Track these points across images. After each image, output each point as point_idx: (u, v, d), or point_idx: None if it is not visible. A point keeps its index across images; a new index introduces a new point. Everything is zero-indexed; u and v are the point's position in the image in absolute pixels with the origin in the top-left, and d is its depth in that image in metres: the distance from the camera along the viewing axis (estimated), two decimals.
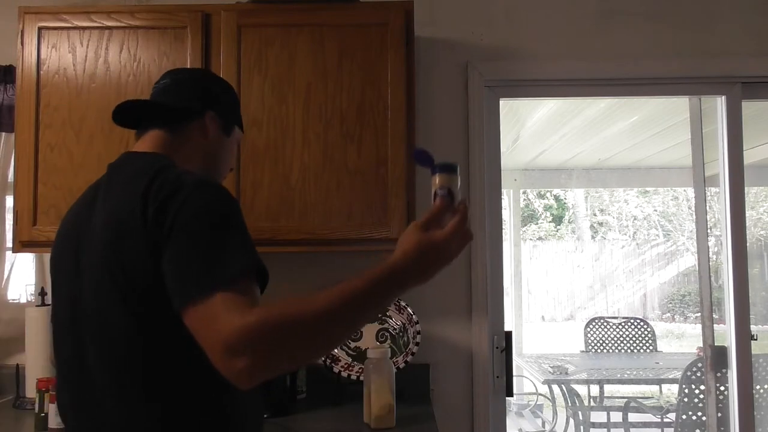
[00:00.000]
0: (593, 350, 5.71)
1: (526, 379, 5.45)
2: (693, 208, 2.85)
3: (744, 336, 2.38)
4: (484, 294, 2.34)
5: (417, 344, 2.12)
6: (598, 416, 4.63)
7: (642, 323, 5.94)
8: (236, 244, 1.06)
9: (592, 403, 4.97)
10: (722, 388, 2.49)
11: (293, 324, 0.96)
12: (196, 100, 1.34)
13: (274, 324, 0.95)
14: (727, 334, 2.42)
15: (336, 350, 2.19)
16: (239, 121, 1.45)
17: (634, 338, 5.73)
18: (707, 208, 2.56)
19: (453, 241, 1.06)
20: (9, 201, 2.32)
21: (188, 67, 2.01)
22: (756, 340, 2.41)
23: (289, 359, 1.00)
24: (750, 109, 2.51)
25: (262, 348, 0.94)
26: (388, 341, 2.19)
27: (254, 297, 1.01)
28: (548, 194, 12.09)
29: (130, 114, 1.34)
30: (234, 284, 0.99)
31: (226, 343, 0.94)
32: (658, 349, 5.80)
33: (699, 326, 2.69)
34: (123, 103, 1.33)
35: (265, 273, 1.09)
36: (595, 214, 12.41)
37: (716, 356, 2.45)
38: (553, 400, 5.11)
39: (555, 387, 4.82)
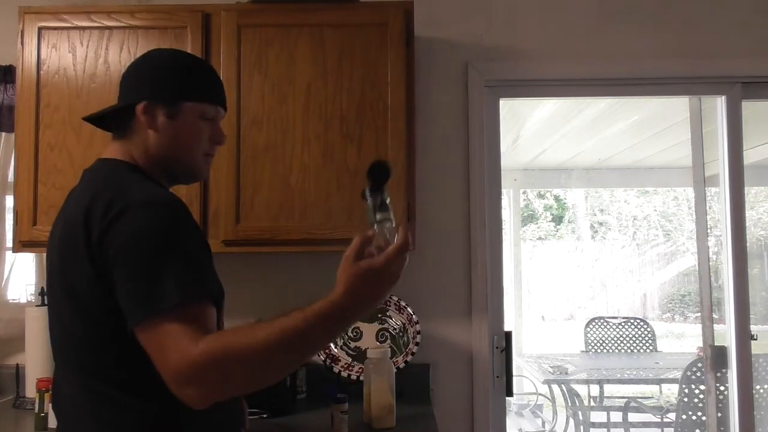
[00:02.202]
0: (593, 350, 5.70)
1: (526, 379, 5.44)
2: (693, 208, 2.84)
3: (744, 336, 2.38)
4: (484, 294, 2.34)
5: (417, 344, 2.12)
6: (598, 416, 4.63)
7: (642, 323, 5.93)
8: (178, 270, 1.05)
9: (592, 403, 4.96)
10: (722, 388, 2.49)
11: (236, 358, 0.99)
12: (127, 96, 1.26)
13: (218, 358, 0.98)
14: (727, 334, 2.42)
15: (336, 350, 2.19)
16: (192, 93, 1.26)
17: (634, 338, 5.73)
18: (707, 208, 2.56)
19: (393, 263, 1.01)
20: (9, 201, 2.32)
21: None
22: (756, 340, 2.41)
23: (236, 387, 1.05)
24: (750, 109, 2.51)
25: (208, 379, 0.99)
26: (388, 341, 2.19)
27: (200, 323, 1.03)
28: (548, 194, 12.09)
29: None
30: (177, 312, 1.02)
31: (174, 374, 0.99)
32: (658, 349, 5.79)
33: (699, 326, 2.68)
34: (85, 118, 1.33)
35: (218, 293, 1.12)
36: (595, 214, 12.41)
37: (716, 356, 2.45)
38: (553, 400, 5.10)
39: (555, 387, 4.82)
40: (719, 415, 2.52)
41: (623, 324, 5.81)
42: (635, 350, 5.66)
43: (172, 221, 1.10)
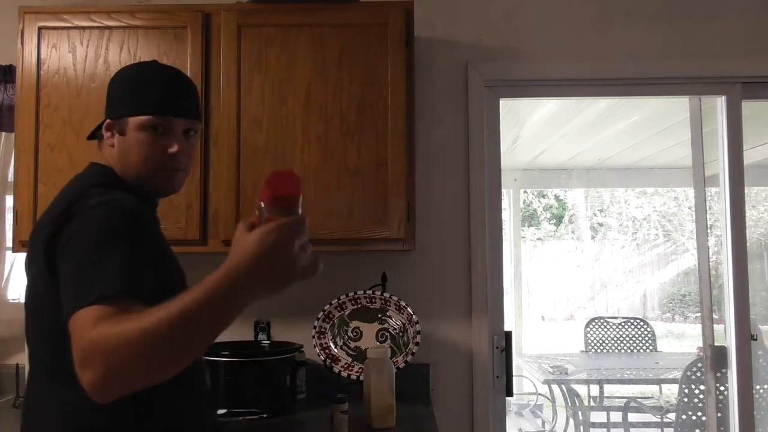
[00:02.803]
0: (593, 350, 5.70)
1: (526, 379, 5.44)
2: (693, 208, 2.84)
3: (744, 336, 2.38)
4: (484, 294, 2.34)
5: (417, 344, 2.12)
6: (598, 416, 4.63)
7: (642, 323, 5.93)
8: (114, 264, 1.05)
9: (592, 403, 4.96)
10: (722, 388, 2.49)
11: (131, 338, 0.93)
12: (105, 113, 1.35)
13: (112, 338, 0.94)
14: (727, 334, 2.42)
15: (336, 350, 2.19)
16: (136, 107, 1.29)
17: (634, 338, 5.73)
18: (707, 208, 2.56)
19: (283, 232, 0.98)
20: (9, 201, 2.32)
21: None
22: (756, 340, 2.41)
23: (138, 373, 0.96)
24: (750, 109, 2.51)
25: (103, 362, 0.94)
26: (388, 341, 2.19)
27: (115, 315, 0.99)
28: (548, 194, 12.09)
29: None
30: (99, 303, 0.99)
31: (77, 357, 0.96)
32: (658, 349, 5.79)
33: (699, 326, 2.68)
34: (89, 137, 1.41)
35: (152, 291, 1.06)
36: (595, 215, 12.41)
37: (716, 356, 2.45)
38: (553, 400, 5.10)
39: (555, 387, 4.82)
40: (719, 415, 2.52)
41: (623, 324, 5.81)
42: (635, 350, 5.65)
43: (115, 221, 1.13)
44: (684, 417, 3.70)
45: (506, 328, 2.39)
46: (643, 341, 5.71)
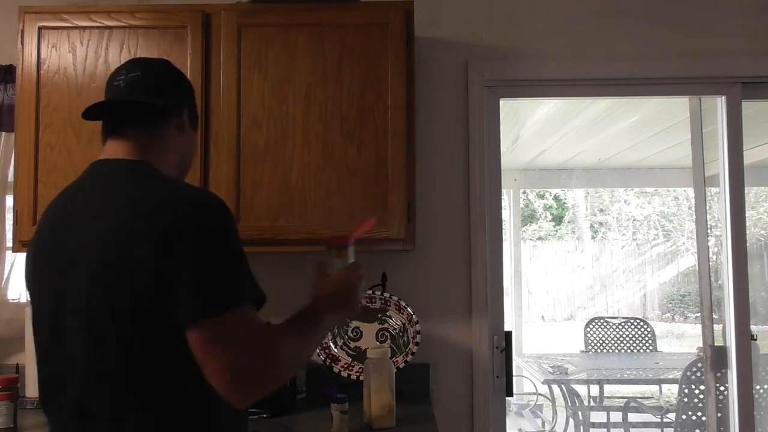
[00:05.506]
0: (593, 350, 5.71)
1: (526, 379, 5.45)
2: (693, 208, 2.85)
3: (744, 336, 2.38)
4: (484, 294, 2.34)
5: (417, 344, 2.13)
6: (598, 416, 4.63)
7: (642, 323, 5.94)
8: (246, 269, 1.13)
9: (592, 403, 4.97)
10: (722, 388, 2.49)
11: (281, 358, 1.12)
12: (172, 96, 1.29)
13: (273, 357, 1.10)
14: (727, 334, 2.42)
15: (336, 350, 2.19)
16: (194, 104, 1.39)
17: (634, 338, 5.73)
18: (707, 208, 2.56)
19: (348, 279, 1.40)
20: (9, 201, 2.32)
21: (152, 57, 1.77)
22: (756, 340, 2.41)
23: (271, 387, 1.12)
24: (750, 109, 2.51)
25: (268, 378, 1.09)
26: (388, 341, 2.19)
27: (260, 323, 1.12)
28: (547, 194, 12.09)
29: (99, 108, 1.27)
30: (244, 309, 1.09)
31: (239, 370, 1.05)
32: (658, 349, 5.80)
33: (699, 326, 2.68)
34: (104, 102, 1.27)
35: (264, 298, 1.17)
36: (595, 214, 12.41)
37: (716, 356, 2.45)
38: (553, 400, 5.11)
39: (555, 387, 4.82)
40: (719, 415, 2.52)
41: (623, 324, 5.81)
42: (635, 350, 5.66)
43: (233, 223, 1.15)
44: (684, 417, 3.70)
45: (506, 328, 2.39)
46: (643, 341, 5.72)
